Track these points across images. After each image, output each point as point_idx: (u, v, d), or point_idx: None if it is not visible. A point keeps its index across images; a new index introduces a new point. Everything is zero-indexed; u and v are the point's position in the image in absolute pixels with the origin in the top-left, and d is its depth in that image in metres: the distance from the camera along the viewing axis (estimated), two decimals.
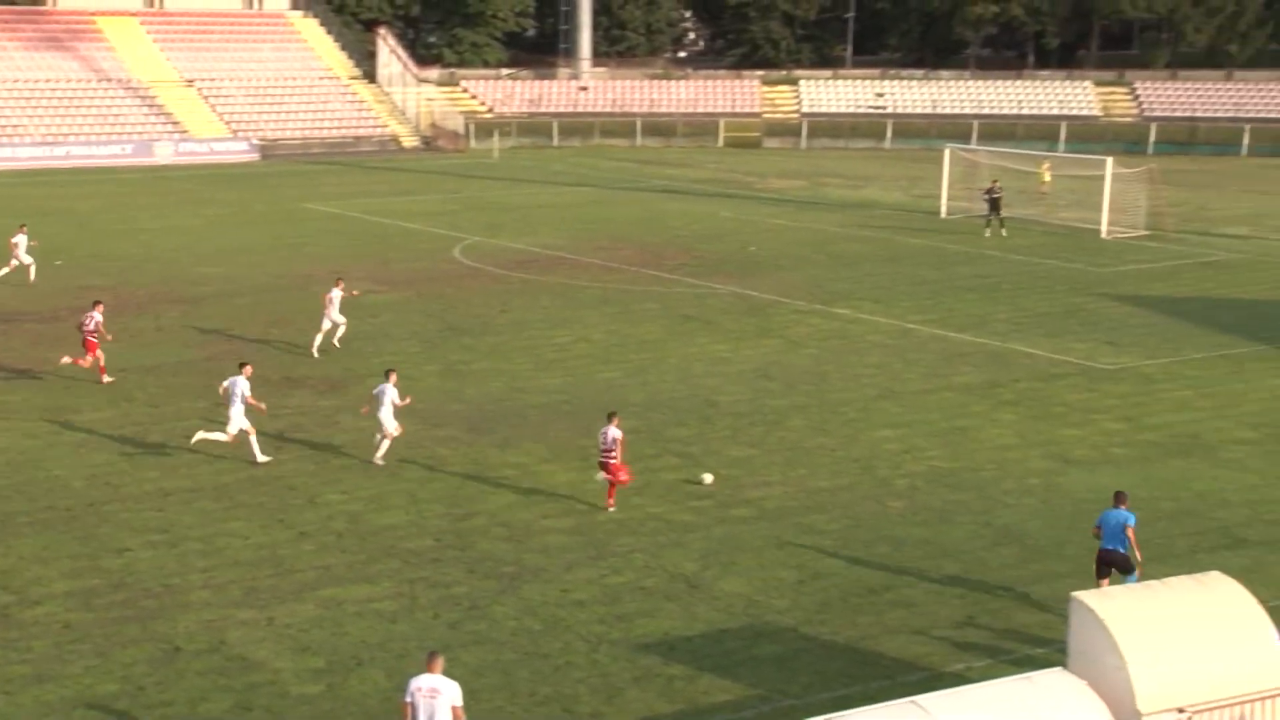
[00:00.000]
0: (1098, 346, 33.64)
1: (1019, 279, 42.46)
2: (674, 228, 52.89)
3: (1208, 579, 15.68)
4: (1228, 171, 73.89)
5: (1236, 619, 14.94)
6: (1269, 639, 14.91)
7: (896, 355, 32.77)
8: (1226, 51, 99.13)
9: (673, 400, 28.92)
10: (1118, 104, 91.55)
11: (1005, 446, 25.86)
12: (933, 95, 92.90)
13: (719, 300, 39.19)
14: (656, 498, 23.13)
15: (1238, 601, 15.12)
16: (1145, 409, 28.31)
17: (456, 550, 20.93)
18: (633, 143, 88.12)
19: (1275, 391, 29.64)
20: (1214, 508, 22.63)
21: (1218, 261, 45.68)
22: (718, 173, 73.34)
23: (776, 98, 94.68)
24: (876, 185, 67.45)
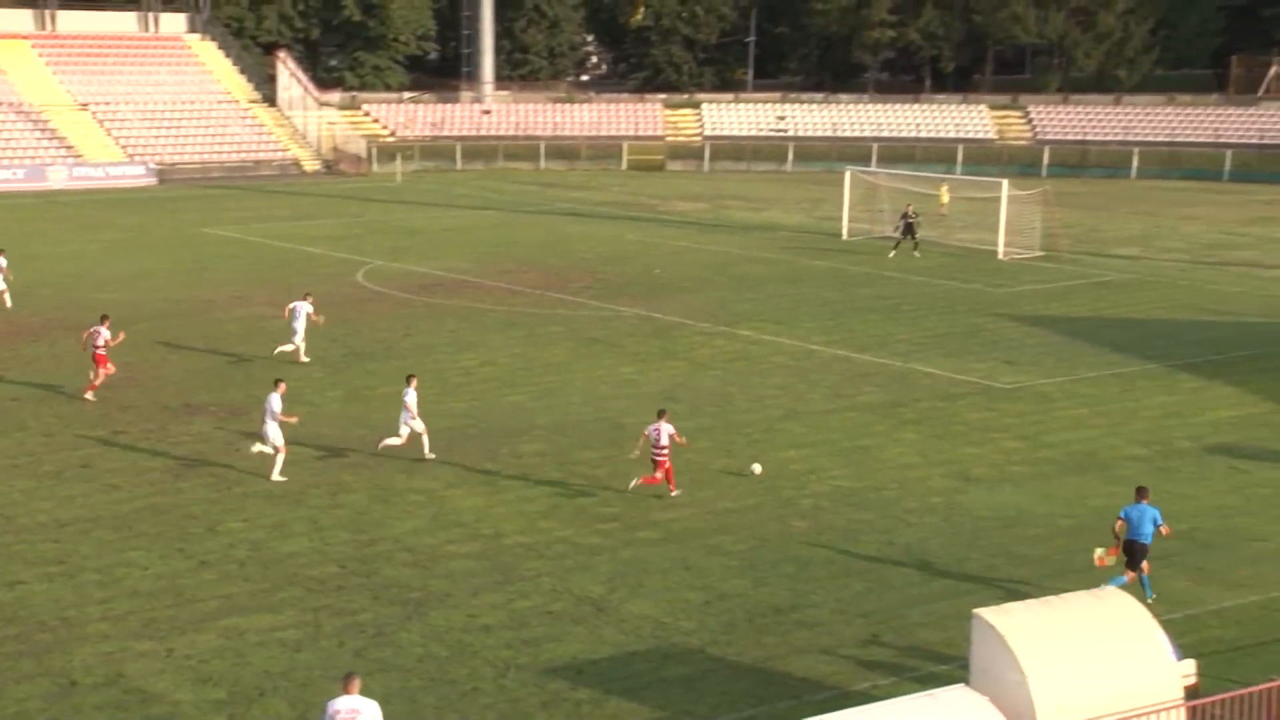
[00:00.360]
0: (996, 366, 34.18)
1: (919, 300, 43.05)
2: (578, 251, 52.92)
3: (1104, 594, 15.97)
4: (1118, 193, 75.60)
5: (1132, 633, 15.22)
6: (1164, 652, 15.21)
7: (800, 376, 33.03)
8: (1115, 76, 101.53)
9: (579, 423, 28.89)
10: (1012, 127, 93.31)
11: (907, 465, 26.16)
12: (833, 118, 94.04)
13: (624, 323, 39.25)
14: (564, 521, 23.07)
15: (1133, 616, 15.41)
16: (1042, 427, 28.80)
17: (361, 577, 20.70)
18: (536, 166, 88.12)
19: (1164, 409, 30.31)
20: (1109, 523, 23.03)
21: (1110, 282, 46.67)
22: (621, 195, 73.55)
23: (679, 121, 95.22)
24: (778, 207, 68.07)
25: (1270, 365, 34.37)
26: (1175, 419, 29.41)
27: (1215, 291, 44.72)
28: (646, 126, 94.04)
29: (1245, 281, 46.80)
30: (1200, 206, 68.98)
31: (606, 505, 23.83)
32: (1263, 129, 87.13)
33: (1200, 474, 25.73)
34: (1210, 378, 33.00)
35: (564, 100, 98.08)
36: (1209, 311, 41.38)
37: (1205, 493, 24.64)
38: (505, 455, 26.64)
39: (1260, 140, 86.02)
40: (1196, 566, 21.17)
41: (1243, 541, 22.26)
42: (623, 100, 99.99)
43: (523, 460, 26.35)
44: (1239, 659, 17.99)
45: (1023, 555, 21.61)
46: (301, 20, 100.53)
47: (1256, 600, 19.92)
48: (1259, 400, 30.96)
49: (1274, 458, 26.70)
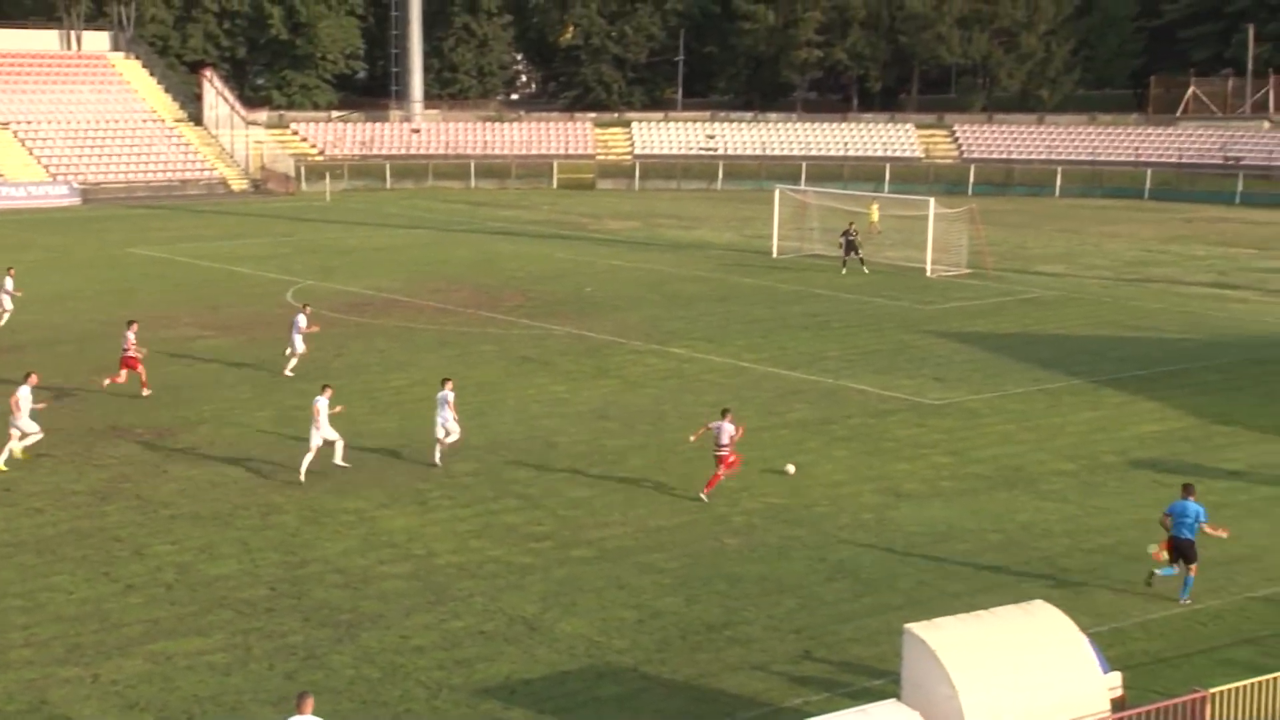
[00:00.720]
0: (925, 382, 34.51)
1: (849, 317, 43.39)
2: (510, 269, 52.84)
3: (1032, 608, 16.15)
4: (1042, 211, 76.70)
5: (1060, 646, 15.40)
6: (1091, 665, 15.41)
7: (732, 393, 33.16)
8: (1038, 96, 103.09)
9: (511, 442, 28.81)
10: (938, 146, 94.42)
11: (839, 482, 26.33)
12: (762, 137, 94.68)
13: (556, 341, 39.22)
14: (496, 540, 22.99)
15: (1061, 629, 15.60)
16: (971, 443, 29.11)
17: (292, 599, 20.50)
18: (467, 185, 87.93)
19: (1090, 424, 30.74)
20: (1037, 538, 23.35)
21: (1035, 298, 47.30)
22: (552, 214, 73.56)
23: (609, 139, 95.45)
24: (709, 226, 68.38)
25: (1191, 380, 34.98)
26: (1101, 434, 29.83)
27: (1137, 308, 45.46)
28: (577, 145, 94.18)
29: (1166, 298, 47.63)
30: (1122, 224, 70.14)
31: (539, 524, 23.78)
32: (1181, 148, 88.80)
33: (1125, 488, 26.11)
34: (1134, 393, 33.51)
35: (494, 119, 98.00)
36: (1131, 328, 42.06)
37: (1130, 507, 25.00)
38: (437, 475, 26.50)
39: (1179, 159, 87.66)
40: (1121, 579, 21.47)
41: None
42: (553, 119, 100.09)
43: (455, 479, 26.23)
44: (1163, 670, 18.26)
45: (953, 570, 21.81)
46: (227, 39, 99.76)
47: (1180, 612, 20.24)
48: (1181, 415, 31.49)
49: (1195, 471, 27.14)
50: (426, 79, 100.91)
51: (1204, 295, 48.25)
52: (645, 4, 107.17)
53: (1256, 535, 23.53)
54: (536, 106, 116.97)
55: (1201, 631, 19.62)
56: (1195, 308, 45.73)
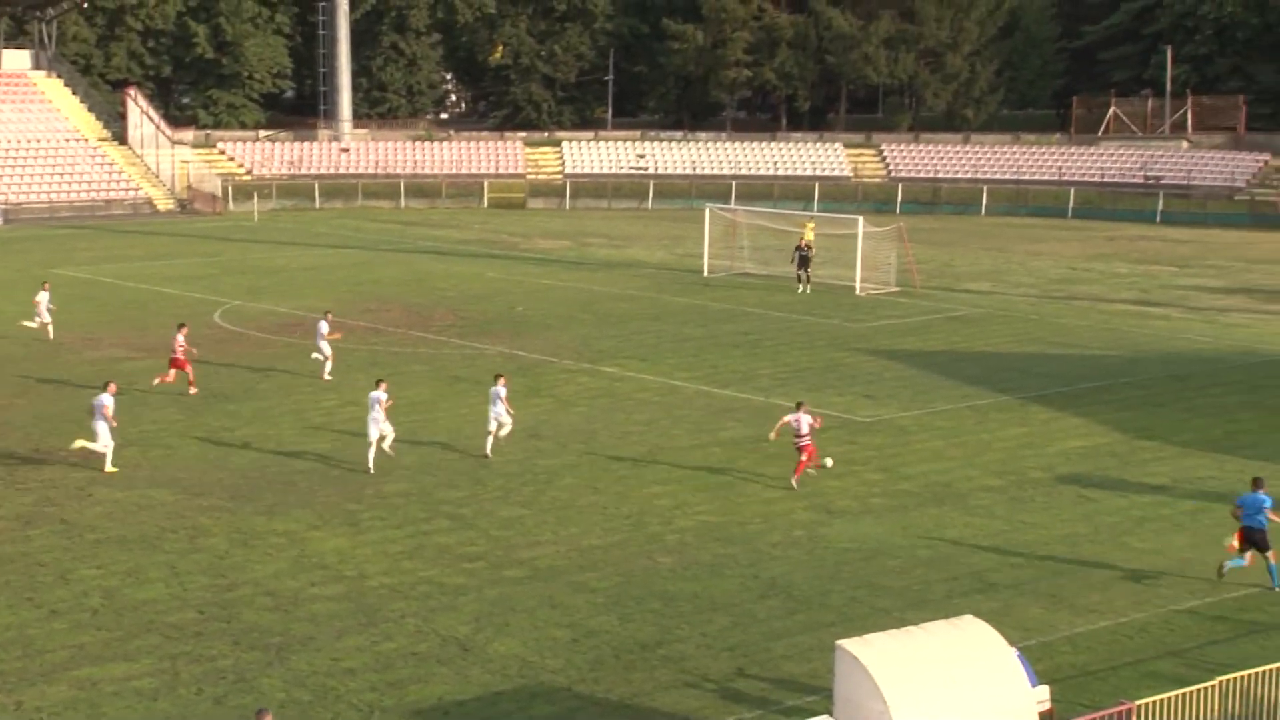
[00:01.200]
0: (856, 400, 34.79)
1: (780, 335, 43.65)
2: (441, 289, 52.67)
3: (962, 623, 16.32)
4: (969, 230, 77.63)
5: (990, 660, 15.58)
6: (1020, 679, 15.60)
7: (664, 412, 33.25)
8: (964, 116, 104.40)
9: (444, 462, 28.70)
10: (867, 165, 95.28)
11: (771, 499, 26.46)
12: (692, 156, 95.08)
13: (488, 361, 39.13)
14: (428, 561, 22.88)
15: (990, 644, 15.77)
16: (901, 459, 29.37)
17: (221, 622, 20.28)
18: (397, 204, 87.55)
19: (1017, 440, 31.13)
20: (966, 554, 23.59)
21: (963, 316, 47.85)
22: (483, 233, 73.43)
23: (540, 159, 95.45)
24: (640, 245, 68.56)
25: (1114, 396, 35.54)
26: (1028, 450, 30.21)
27: (1062, 325, 46.12)
28: (507, 164, 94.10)
29: (1090, 315, 48.36)
30: (1047, 243, 71.15)
31: (471, 545, 23.69)
32: (1103, 167, 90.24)
33: (1051, 503, 26.46)
34: (1060, 409, 33.99)
35: (424, 138, 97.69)
36: (1057, 345, 42.65)
37: (1056, 521, 25.34)
38: (369, 496, 26.34)
39: (1101, 178, 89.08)
40: (1049, 594, 21.74)
41: (1092, 568, 22.93)
42: (483, 138, 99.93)
43: (386, 500, 26.08)
44: (1090, 683, 18.51)
45: (884, 586, 21.99)
46: (152, 57, 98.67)
47: (1106, 626, 20.53)
48: (1106, 430, 31.97)
49: (1119, 486, 27.59)
50: (355, 98, 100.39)
51: (1126, 312, 49.06)
52: (574, 24, 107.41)
53: (1180, 549, 23.93)
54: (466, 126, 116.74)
55: (1127, 644, 19.92)
56: (1118, 325, 46.47)
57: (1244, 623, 20.75)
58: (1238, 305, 50.87)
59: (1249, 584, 22.17)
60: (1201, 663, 19.07)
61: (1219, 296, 52.88)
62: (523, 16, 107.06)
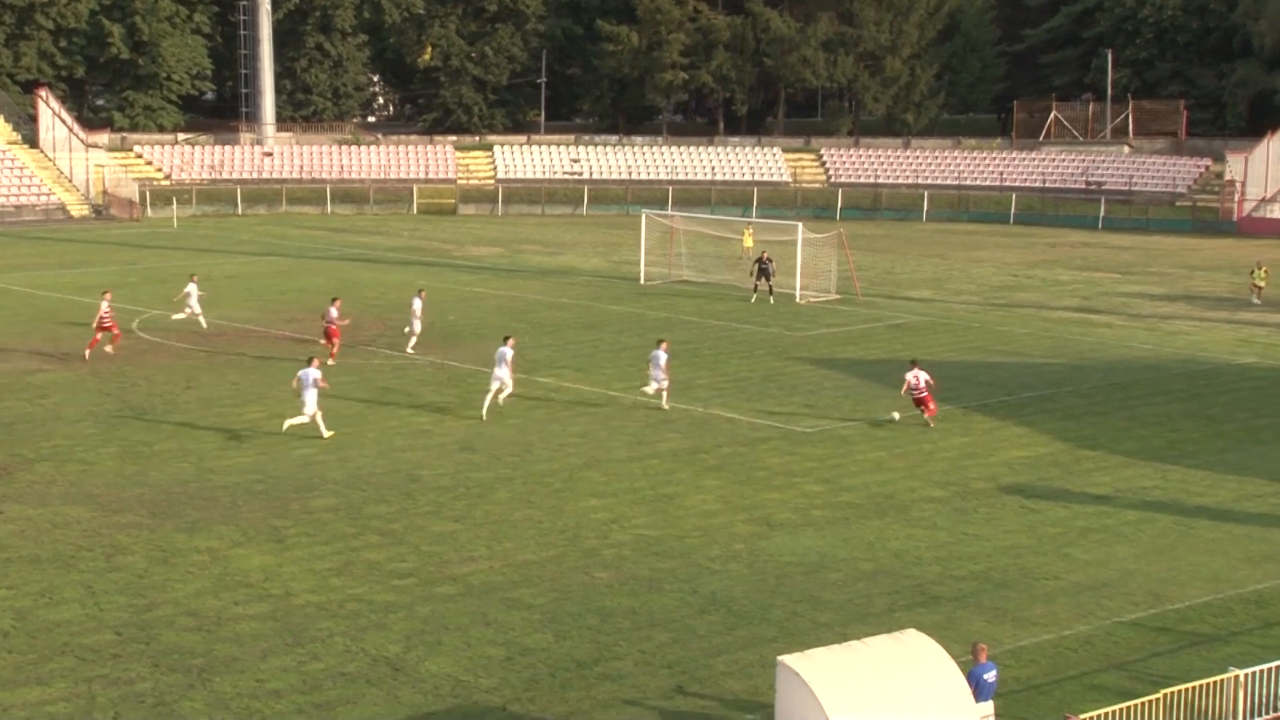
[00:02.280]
0: (796, 410, 34.99)
1: (718, 344, 43.82)
2: (369, 298, 52.41)
3: (905, 637, 16.48)
4: (910, 236, 78.30)
5: (933, 675, 15.73)
6: (963, 694, 15.76)
7: (601, 423, 33.27)
8: (904, 120, 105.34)
9: (373, 476, 28.57)
10: (806, 170, 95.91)
11: (710, 512, 26.56)
12: (627, 161, 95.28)
13: (418, 371, 38.98)
14: (357, 578, 22.75)
15: (933, 658, 15.93)
16: (843, 470, 29.58)
17: (140, 644, 20.06)
18: (323, 210, 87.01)
19: (960, 450, 31.44)
20: (909, 566, 23.80)
21: (904, 324, 48.27)
22: (413, 240, 73.13)
23: (471, 163, 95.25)
24: (575, 251, 68.56)
25: (1057, 405, 35.99)
26: (970, 460, 30.53)
27: (1004, 333, 46.65)
28: (437, 169, 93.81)
29: (1032, 323, 48.95)
30: (988, 249, 71.94)
31: (402, 561, 23.60)
32: (1045, 172, 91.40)
33: (994, 514, 26.75)
34: (1003, 418, 34.37)
35: (350, 142, 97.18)
36: (999, 353, 43.13)
37: (999, 533, 25.63)
38: (295, 511, 26.16)
39: (1043, 184, 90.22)
40: (992, 607, 21.98)
41: (1035, 580, 23.21)
42: (412, 142, 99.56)
43: (313, 516, 25.92)
44: (1034, 697, 18.73)
45: (825, 600, 22.13)
46: (64, 57, 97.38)
47: (1050, 639, 20.79)
48: (1048, 440, 32.37)
49: (1063, 497, 27.94)
50: (279, 100, 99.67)
51: (1069, 320, 49.70)
52: (506, 24, 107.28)
53: (1123, 559, 24.28)
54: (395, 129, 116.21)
55: (1071, 658, 20.18)
56: (1060, 332, 47.06)
57: (1186, 634, 21.08)
58: (1180, 313, 51.70)
59: (1191, 596, 22.54)
60: (1145, 675, 19.36)
61: (1161, 304, 53.72)
62: (452, 17, 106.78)
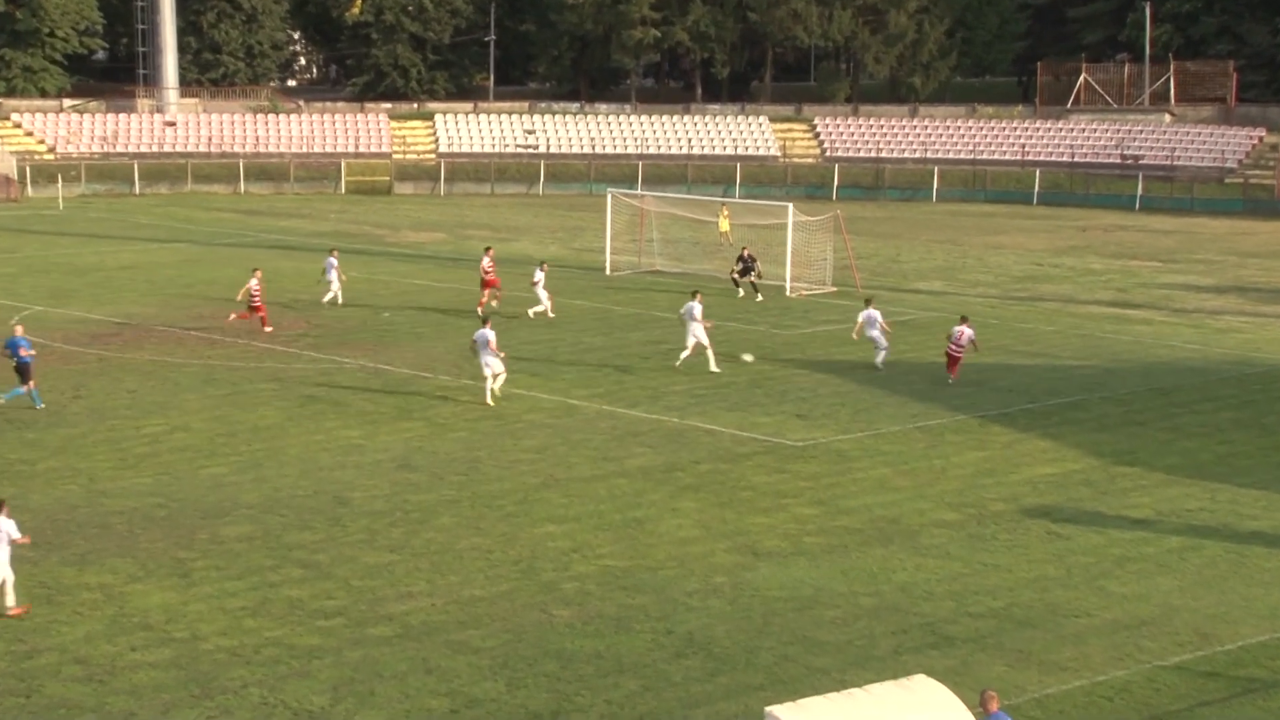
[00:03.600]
0: (786, 420, 35.05)
1: None
2: (291, 291, 52.28)
3: (913, 684, 16.49)
4: (918, 219, 78.57)
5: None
6: None
7: (560, 437, 33.26)
8: (910, 85, 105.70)
9: (294, 499, 28.49)
10: (797, 143, 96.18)
11: (687, 539, 26.58)
12: (591, 132, 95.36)
13: (348, 377, 38.92)
14: (277, 618, 22.68)
15: (946, 708, 15.95)
16: (840, 490, 29.64)
17: (19, 697, 19.95)
18: (235, 189, 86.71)
19: (975, 466, 31.55)
20: (917, 601, 23.86)
21: (911, 321, 48.41)
22: (341, 224, 72.93)
23: (408, 135, 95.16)
24: (530, 237, 68.50)
25: (1088, 415, 36.16)
26: (988, 478, 30.65)
27: (1027, 331, 46.84)
28: (369, 142, 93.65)
29: (1059, 319, 49.17)
30: (1008, 234, 72.25)
31: (329, 598, 23.54)
32: (1073, 145, 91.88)
33: (1016, 541, 26.85)
34: (1024, 430, 34.51)
35: (267, 110, 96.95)
36: (1021, 354, 43.30)
37: (1022, 562, 25.72)
38: (203, 541, 26.07)
39: (1071, 158, 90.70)
40: (1015, 649, 22.06)
41: (1064, 618, 23.30)
42: (339, 110, 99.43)
43: (224, 546, 25.83)
44: None
45: (821, 641, 22.18)
46: None
47: (1081, 686, 20.86)
48: (1078, 455, 32.51)
49: (1095, 520, 28.06)
50: (183, 61, 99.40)
51: (1102, 315, 49.93)
52: None
53: (1166, 593, 24.40)
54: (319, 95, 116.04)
55: (1106, 708, 20.26)
56: (1092, 330, 47.28)
57: (1239, 680, 21.19)
58: (1230, 307, 52.03)
59: (1244, 635, 22.66)
60: None
61: (1208, 296, 54.05)
62: None
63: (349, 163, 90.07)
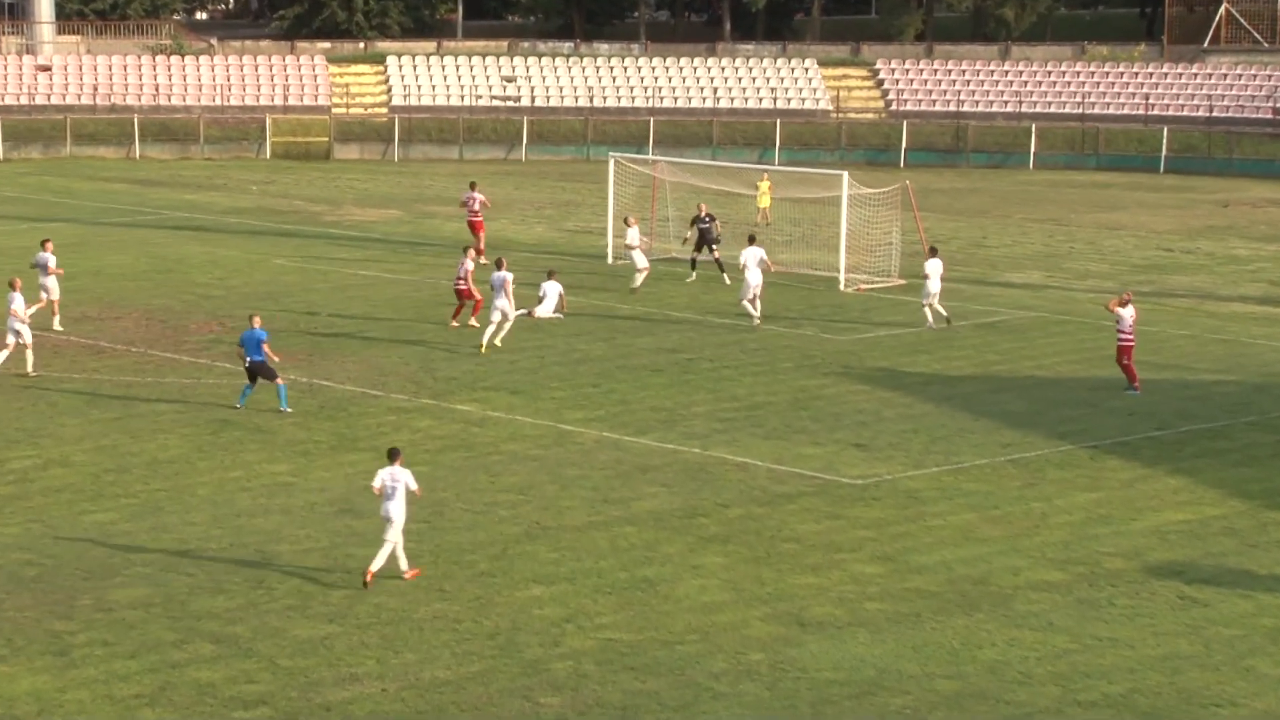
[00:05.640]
0: (840, 451, 34.97)
1: (724, 353, 43.80)
2: (201, 285, 52.27)
3: None
4: (1010, 191, 78.38)
5: None
6: None
7: (549, 472, 33.21)
8: (1000, 18, 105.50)
9: (204, 552, 28.45)
10: (854, 93, 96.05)
11: (713, 605, 26.51)
12: (589, 80, 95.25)
13: (275, 395, 38.90)
14: (181, 710, 22.63)
15: None
16: (911, 542, 29.55)
17: None
18: (128, 153, 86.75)
19: (1086, 511, 31.43)
20: (1011, 686, 23.79)
21: (1002, 323, 48.29)
22: (266, 198, 72.90)
23: (353, 83, 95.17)
24: (510, 215, 68.42)
25: (1231, 445, 36.08)
26: (1101, 526, 30.55)
27: (1152, 336, 46.71)
28: (301, 92, 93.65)
29: (1193, 320, 49.06)
30: (1127, 210, 72.09)
31: (249, 681, 23.52)
32: (1212, 95, 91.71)
33: (1139, 608, 26.75)
34: (1150, 464, 34.41)
35: (169, 51, 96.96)
36: (1144, 366, 43.16)
37: (1147, 636, 25.64)
38: (85, 609, 26.03)
39: (1209, 112, 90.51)
40: None
41: (1203, 707, 23.21)
42: (263, 51, 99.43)
43: (113, 614, 25.81)
44: None
45: None
46: None
47: None
48: (1218, 496, 32.42)
49: (1241, 581, 27.94)
50: None
51: (1249, 316, 49.83)
52: None
53: None
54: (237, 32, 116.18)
55: None
56: (1237, 334, 47.18)
57: None
58: None
59: None
60: None
61: None
62: None
63: (276, 119, 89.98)
